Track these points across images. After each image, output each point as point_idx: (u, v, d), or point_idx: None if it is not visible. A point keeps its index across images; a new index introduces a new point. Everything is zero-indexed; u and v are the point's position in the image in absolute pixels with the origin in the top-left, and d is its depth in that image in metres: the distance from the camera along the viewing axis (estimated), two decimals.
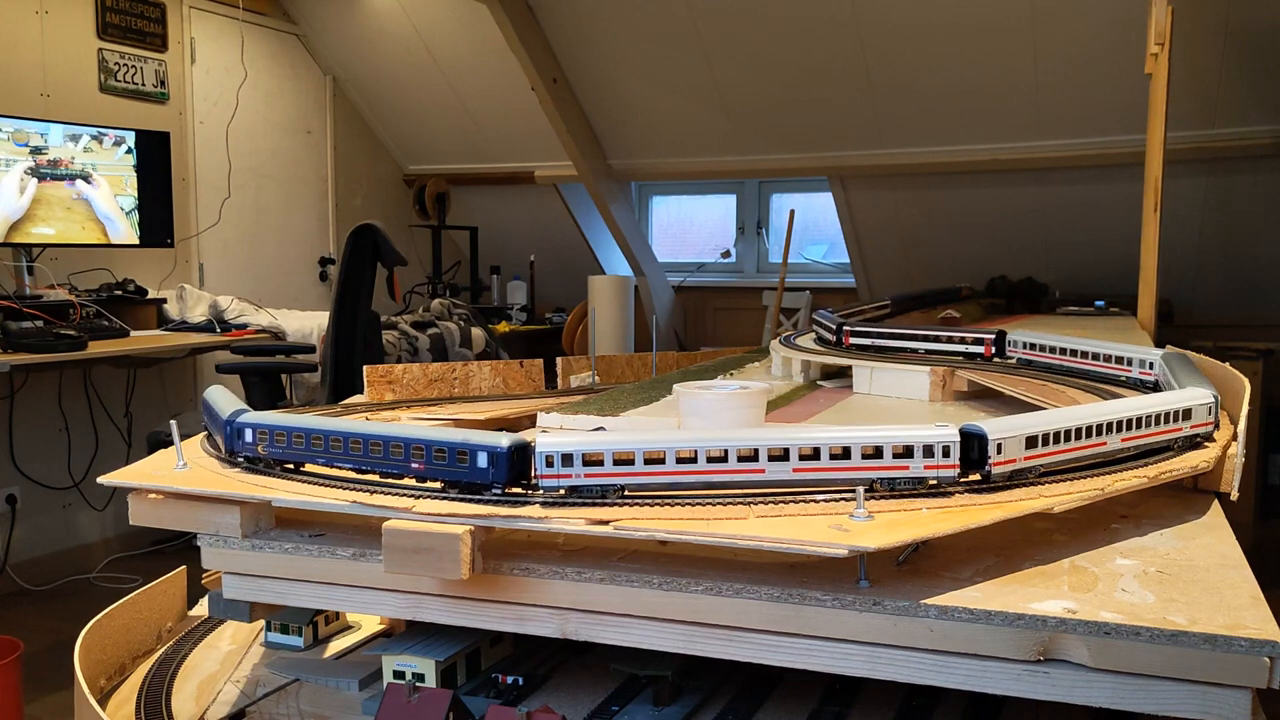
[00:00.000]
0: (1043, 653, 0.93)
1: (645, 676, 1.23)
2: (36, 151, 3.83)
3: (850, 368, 2.02)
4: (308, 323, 4.29)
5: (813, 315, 2.45)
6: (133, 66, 4.46)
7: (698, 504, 1.08)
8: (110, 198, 4.09)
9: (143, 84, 4.52)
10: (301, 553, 1.19)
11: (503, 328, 5.29)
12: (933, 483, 1.11)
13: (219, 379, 3.83)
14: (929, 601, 0.96)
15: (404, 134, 5.92)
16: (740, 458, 1.08)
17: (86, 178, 4.00)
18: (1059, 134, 4.41)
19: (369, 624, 1.55)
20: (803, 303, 5.30)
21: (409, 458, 1.14)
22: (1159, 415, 1.27)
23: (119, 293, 4.05)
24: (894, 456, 1.09)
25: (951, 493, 1.10)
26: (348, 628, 1.54)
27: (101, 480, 1.27)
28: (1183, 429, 1.31)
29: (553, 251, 5.97)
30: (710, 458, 1.08)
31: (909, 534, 0.98)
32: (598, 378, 2.29)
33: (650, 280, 5.65)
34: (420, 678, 1.25)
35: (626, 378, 2.38)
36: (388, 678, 1.27)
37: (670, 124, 5.17)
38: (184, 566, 1.67)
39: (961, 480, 1.12)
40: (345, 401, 2.01)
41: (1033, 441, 1.14)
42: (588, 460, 1.08)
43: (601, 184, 5.39)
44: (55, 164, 3.90)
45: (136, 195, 4.18)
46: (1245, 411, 1.38)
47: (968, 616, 0.95)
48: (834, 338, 2.20)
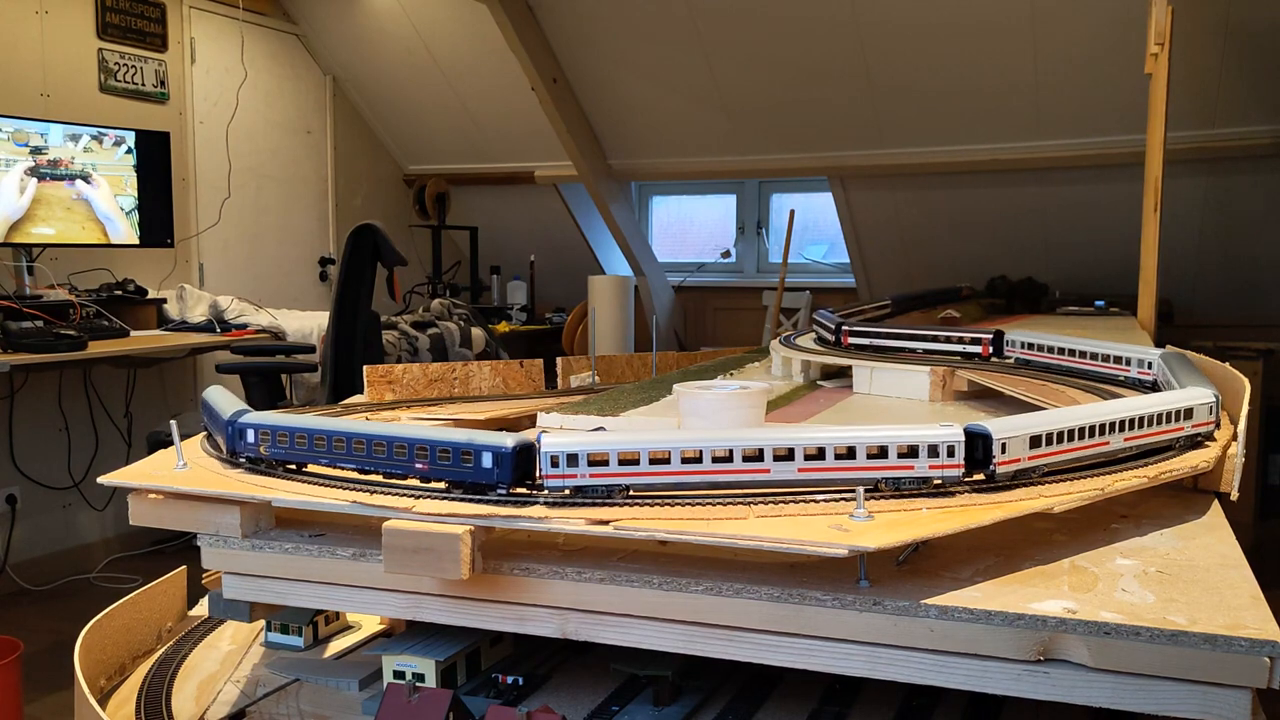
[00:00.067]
0: (1043, 653, 0.93)
1: (645, 676, 1.22)
2: (36, 151, 3.83)
3: (850, 368, 2.02)
4: (308, 323, 4.29)
5: (813, 315, 2.45)
6: (133, 66, 4.46)
7: (698, 504, 1.08)
8: (110, 198, 4.09)
9: (143, 84, 4.52)
10: (301, 553, 1.19)
11: (503, 328, 5.29)
12: (937, 482, 1.11)
13: (219, 379, 3.83)
14: (929, 601, 0.96)
15: (404, 134, 5.92)
16: (745, 457, 1.08)
17: (86, 178, 4.00)
18: (1059, 134, 4.41)
19: (369, 624, 1.55)
20: (803, 303, 5.30)
21: (413, 458, 1.14)
22: (1161, 415, 1.27)
23: (119, 293, 4.05)
24: (899, 456, 1.09)
25: (956, 492, 1.10)
26: (348, 628, 1.54)
27: (101, 480, 1.27)
28: (1184, 428, 1.31)
29: (553, 251, 5.97)
30: (715, 457, 1.08)
31: (909, 534, 0.98)
32: (598, 378, 2.29)
33: (650, 280, 5.65)
34: (420, 678, 1.25)
35: (626, 378, 2.38)
36: (388, 678, 1.27)
37: (670, 124, 5.17)
38: (184, 566, 1.68)
39: (966, 480, 1.12)
40: (345, 401, 2.01)
41: (1036, 441, 1.14)
42: (593, 460, 1.08)
43: (601, 184, 5.39)
44: (55, 164, 3.90)
45: (136, 195, 4.18)
46: (1245, 411, 1.39)
47: (968, 616, 0.95)
48: (833, 338, 2.20)
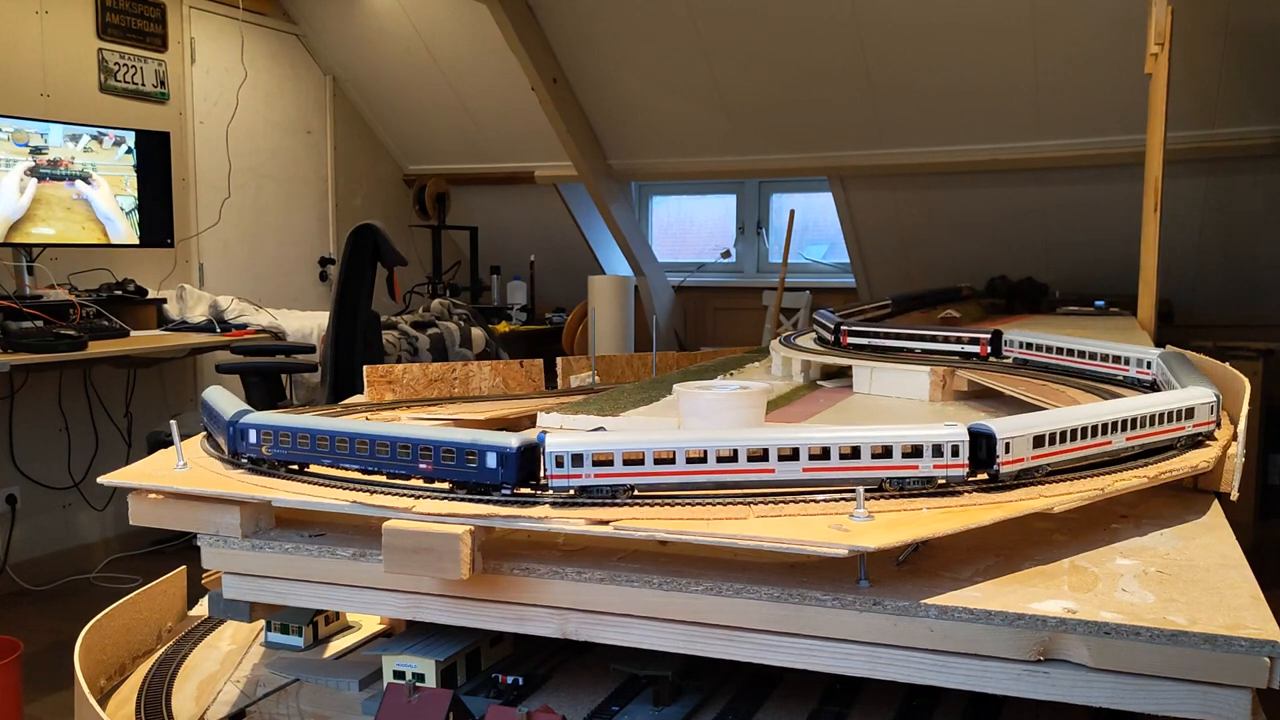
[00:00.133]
0: (1043, 653, 0.93)
1: (645, 676, 1.22)
2: (36, 151, 3.83)
3: (850, 368, 2.02)
4: (308, 323, 4.29)
5: (813, 315, 2.45)
6: (133, 66, 4.46)
7: (698, 504, 1.08)
8: (110, 198, 4.09)
9: (143, 84, 4.52)
10: (301, 553, 1.19)
11: (503, 328, 5.29)
12: (942, 482, 1.10)
13: (219, 379, 3.83)
14: (929, 601, 0.96)
15: (404, 134, 5.92)
16: (750, 457, 1.08)
17: (86, 178, 4.00)
18: (1059, 134, 4.41)
19: (369, 624, 1.55)
20: (803, 303, 5.30)
21: (417, 458, 1.13)
22: (1163, 414, 1.27)
23: (119, 293, 4.05)
24: (903, 456, 1.09)
25: (960, 492, 1.10)
26: (348, 628, 1.54)
27: (101, 480, 1.27)
28: (1185, 428, 1.31)
29: (553, 251, 5.97)
30: (720, 457, 1.08)
31: (909, 534, 0.98)
32: (598, 378, 2.29)
33: (650, 280, 5.65)
34: (420, 678, 1.24)
35: (626, 378, 2.38)
36: (388, 678, 1.27)
37: (670, 124, 5.17)
38: (184, 566, 1.67)
39: (970, 480, 1.12)
40: (345, 401, 2.01)
41: (1040, 441, 1.14)
42: (597, 460, 1.07)
43: (601, 184, 5.39)
44: (55, 164, 3.90)
45: (136, 195, 4.18)
46: (1245, 411, 1.39)
47: (968, 616, 0.95)
48: (833, 338, 2.20)
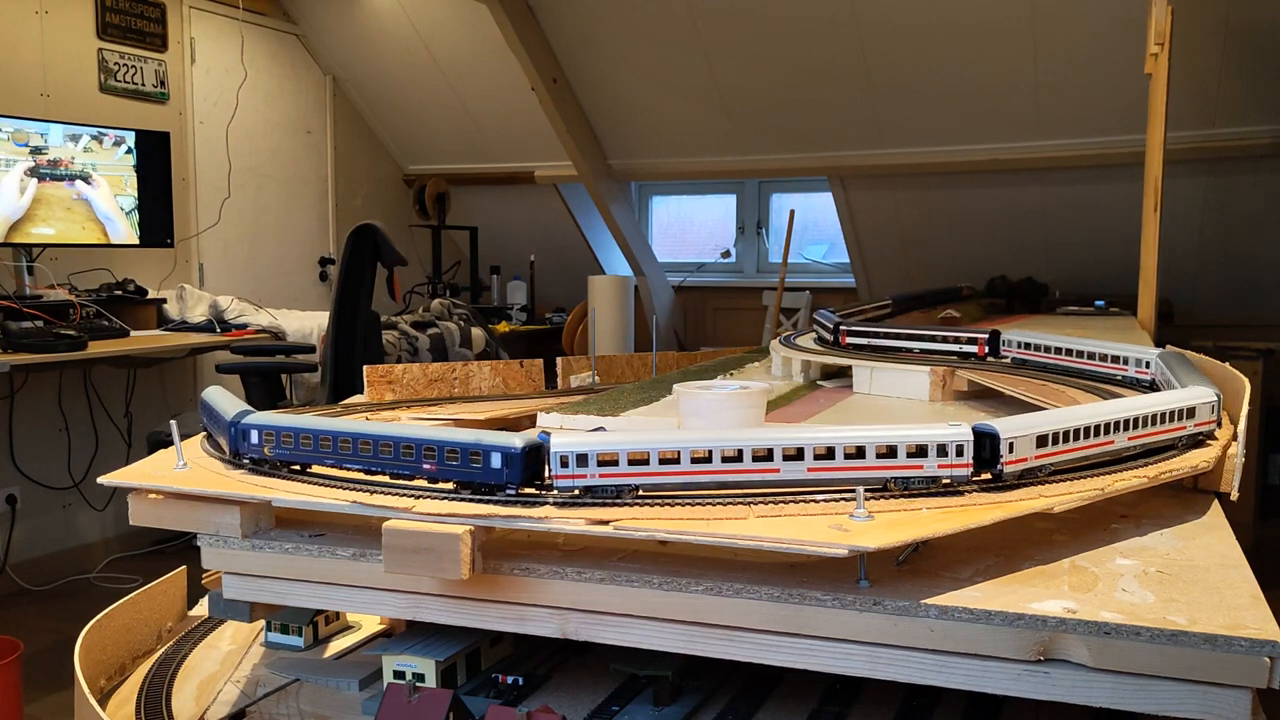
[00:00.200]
0: (1043, 653, 0.93)
1: (645, 676, 1.22)
2: (36, 151, 3.83)
3: (850, 368, 2.02)
4: (308, 323, 4.29)
5: (813, 315, 2.45)
6: (133, 66, 4.46)
7: (698, 504, 1.08)
8: (110, 198, 4.09)
9: (143, 84, 4.52)
10: (301, 553, 1.19)
11: (503, 328, 5.29)
12: (946, 481, 1.10)
13: (219, 379, 3.83)
14: (929, 601, 0.96)
15: (404, 134, 5.92)
16: (755, 457, 1.08)
17: (86, 178, 4.00)
18: (1059, 134, 4.41)
19: (369, 624, 1.55)
20: (803, 303, 5.30)
21: (421, 459, 1.13)
22: (1165, 414, 1.27)
23: (119, 293, 4.05)
24: (908, 455, 1.09)
25: (965, 492, 1.10)
26: (348, 628, 1.54)
27: (101, 480, 1.27)
28: (1186, 427, 1.31)
29: (553, 251, 5.97)
30: (725, 457, 1.08)
31: (909, 534, 0.98)
32: (598, 378, 2.29)
33: (650, 280, 5.65)
34: (420, 678, 1.24)
35: (626, 378, 2.38)
36: (388, 678, 1.27)
37: (670, 124, 5.17)
38: (184, 566, 1.67)
39: (974, 479, 1.12)
40: (345, 401, 2.01)
41: (1043, 440, 1.14)
42: (602, 460, 1.07)
43: (601, 184, 5.39)
44: (55, 164, 3.90)
45: (136, 195, 4.18)
46: (1245, 411, 1.39)
47: (968, 616, 0.95)
48: (832, 337, 2.20)
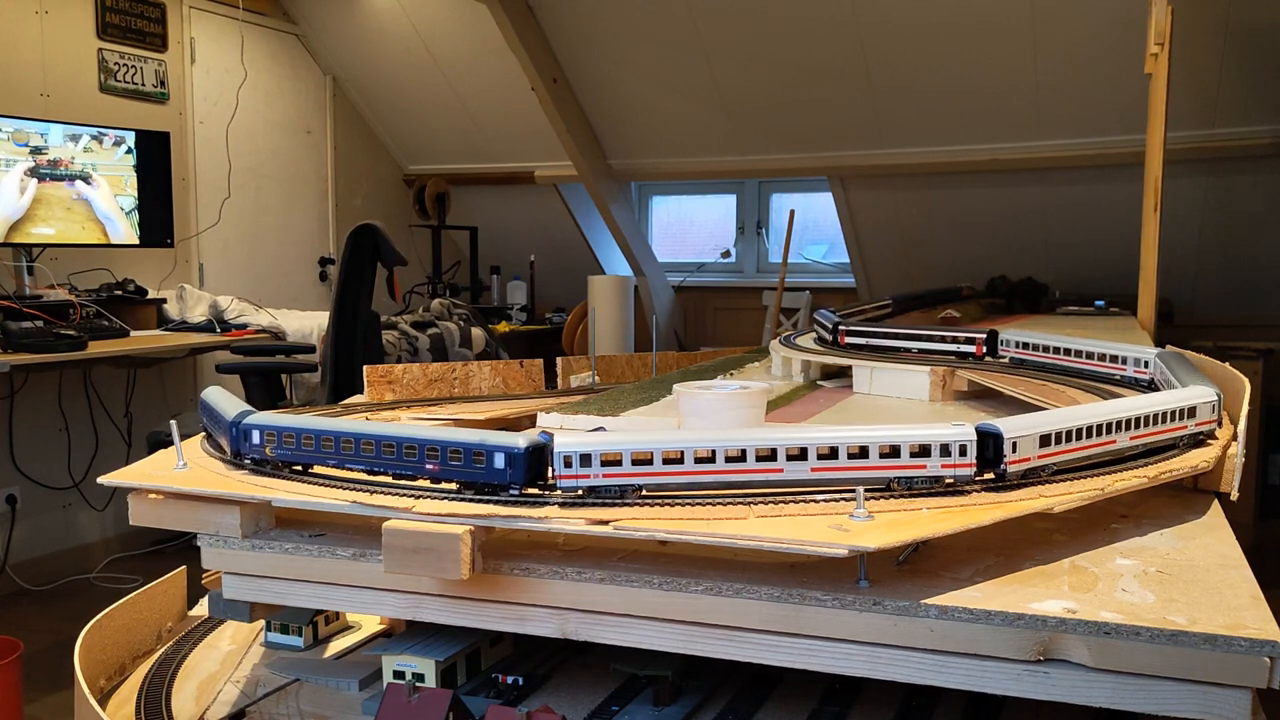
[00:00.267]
0: (1043, 653, 0.93)
1: (645, 676, 1.22)
2: (36, 151, 3.83)
3: (850, 368, 2.02)
4: (308, 323, 4.29)
5: (813, 315, 2.45)
6: (133, 66, 4.46)
7: (698, 504, 1.08)
8: (110, 198, 4.09)
9: (143, 84, 4.52)
10: (301, 553, 1.19)
11: (503, 328, 5.29)
12: (949, 481, 1.10)
13: (219, 379, 3.84)
14: (929, 601, 0.96)
15: (404, 134, 5.92)
16: (759, 457, 1.08)
17: (86, 178, 4.00)
18: (1059, 134, 4.41)
19: (369, 624, 1.55)
20: (803, 303, 5.30)
21: (424, 459, 1.13)
22: (1166, 413, 1.27)
23: (119, 293, 4.05)
24: (911, 455, 1.09)
25: (968, 491, 1.10)
26: (348, 628, 1.54)
27: (101, 480, 1.27)
28: (1188, 427, 1.31)
29: (553, 251, 5.97)
30: (729, 457, 1.08)
31: (909, 534, 0.98)
32: (598, 378, 2.29)
33: (650, 280, 5.65)
34: (420, 678, 1.24)
35: (626, 378, 2.38)
36: (388, 678, 1.27)
37: (670, 124, 5.17)
38: (184, 566, 1.67)
39: (977, 479, 1.12)
40: (345, 401, 2.01)
41: (1046, 440, 1.14)
42: (606, 460, 1.07)
43: (601, 184, 5.39)
44: (55, 164, 3.90)
45: (136, 195, 4.18)
46: (1245, 411, 1.39)
47: (968, 616, 0.95)
48: (832, 337, 2.20)
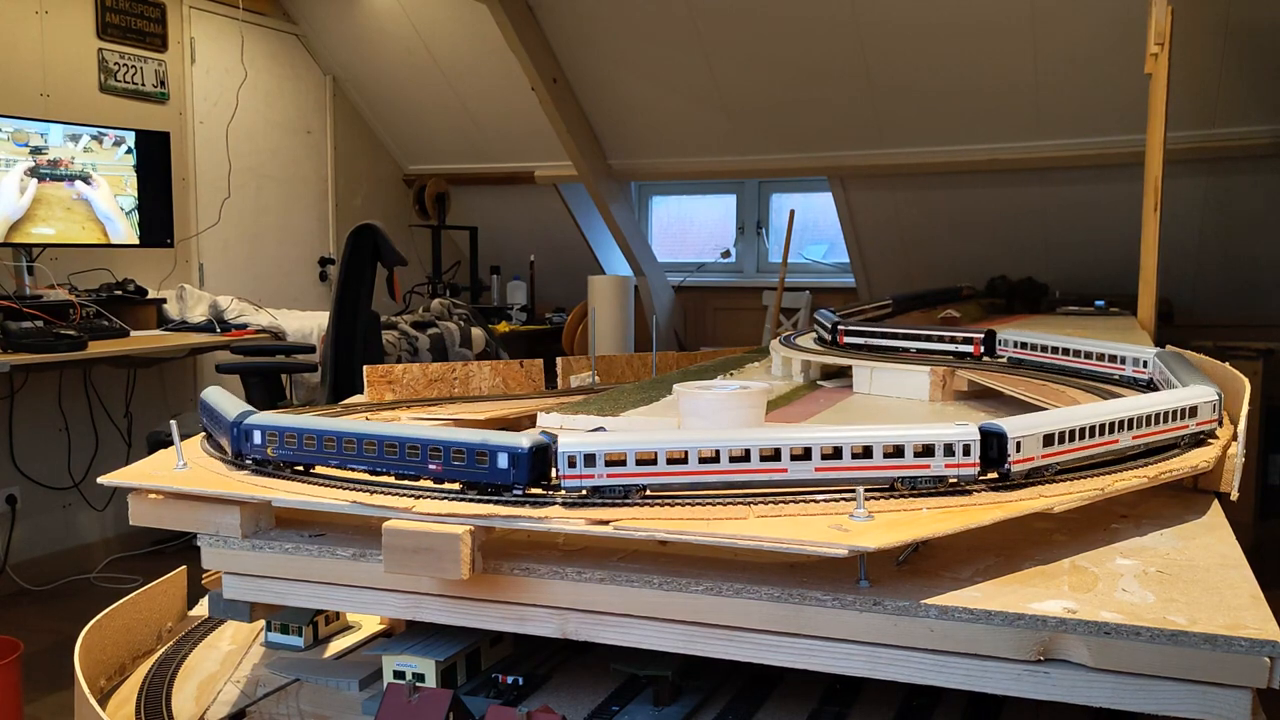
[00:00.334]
0: (1043, 653, 0.93)
1: (645, 676, 1.22)
2: (36, 151, 3.83)
3: (850, 367, 2.02)
4: (308, 323, 4.29)
5: (814, 315, 2.45)
6: (133, 66, 4.46)
7: (698, 504, 1.08)
8: (110, 198, 4.09)
9: (143, 84, 4.52)
10: (301, 553, 1.19)
11: (503, 328, 5.29)
12: (953, 481, 1.10)
13: (219, 379, 3.84)
14: (929, 601, 0.96)
15: (404, 134, 5.92)
16: (763, 457, 1.08)
17: (86, 178, 4.00)
18: (1059, 134, 4.41)
19: (369, 624, 1.55)
20: (803, 303, 5.30)
21: (426, 459, 1.13)
22: (1168, 413, 1.28)
23: (119, 293, 4.05)
24: (915, 455, 1.09)
25: (971, 491, 1.10)
26: (348, 628, 1.54)
27: (101, 480, 1.27)
28: (1189, 426, 1.31)
29: (553, 251, 5.97)
30: (733, 457, 1.08)
31: (909, 534, 0.98)
32: (598, 378, 2.29)
33: (650, 280, 5.65)
34: (420, 678, 1.24)
35: (626, 378, 2.38)
36: (388, 678, 1.27)
37: (670, 124, 5.17)
38: (184, 566, 1.67)
39: (980, 479, 1.12)
40: (345, 401, 2.01)
41: (1050, 440, 1.14)
42: (610, 460, 1.07)
43: (601, 184, 5.39)
44: (55, 164, 3.90)
45: (136, 195, 4.18)
46: (1245, 411, 1.39)
47: (968, 616, 0.95)
48: (831, 337, 2.20)
